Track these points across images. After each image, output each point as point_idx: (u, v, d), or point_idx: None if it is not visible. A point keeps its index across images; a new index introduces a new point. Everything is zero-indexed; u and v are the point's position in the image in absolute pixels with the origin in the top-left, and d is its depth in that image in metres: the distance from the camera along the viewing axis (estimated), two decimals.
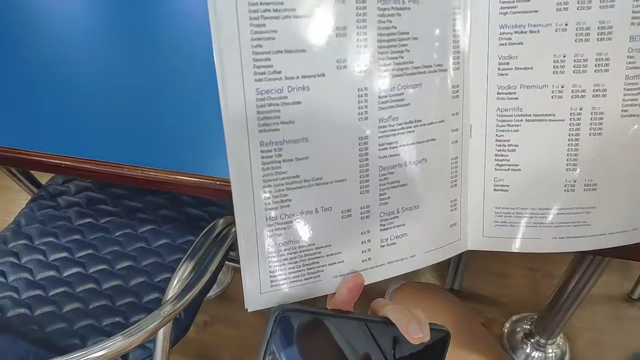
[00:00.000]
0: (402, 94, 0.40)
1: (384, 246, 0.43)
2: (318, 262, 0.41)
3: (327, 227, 0.41)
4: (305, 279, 0.41)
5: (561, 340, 1.21)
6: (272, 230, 0.39)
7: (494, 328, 1.25)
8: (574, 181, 0.44)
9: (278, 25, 0.36)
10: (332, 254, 0.41)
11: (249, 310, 0.41)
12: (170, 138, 0.57)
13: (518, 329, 1.23)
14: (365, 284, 0.41)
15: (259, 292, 0.40)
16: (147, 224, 0.87)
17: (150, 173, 0.53)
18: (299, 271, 0.41)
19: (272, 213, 0.39)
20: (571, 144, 0.43)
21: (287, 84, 0.37)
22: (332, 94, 0.38)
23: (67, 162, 0.56)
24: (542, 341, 1.18)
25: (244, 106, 0.36)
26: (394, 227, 0.43)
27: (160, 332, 0.65)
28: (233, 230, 0.72)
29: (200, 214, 0.88)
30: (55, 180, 0.98)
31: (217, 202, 0.90)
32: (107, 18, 0.75)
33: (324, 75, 0.38)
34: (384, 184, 0.42)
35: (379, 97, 0.40)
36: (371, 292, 0.43)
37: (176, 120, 0.58)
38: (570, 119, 0.43)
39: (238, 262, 0.39)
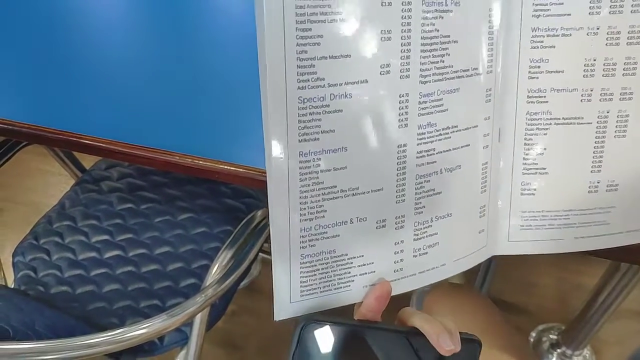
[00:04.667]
0: (441, 99, 0.40)
1: (416, 256, 0.42)
2: (349, 272, 0.41)
3: (361, 237, 0.40)
4: (336, 289, 0.41)
5: (588, 352, 1.20)
6: (306, 241, 0.39)
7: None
8: (598, 182, 0.44)
9: (324, 30, 0.35)
10: (364, 264, 0.41)
11: (276, 319, 0.40)
12: (221, 129, 0.59)
13: (544, 338, 1.23)
14: (394, 294, 0.41)
15: (289, 302, 0.40)
16: (186, 212, 0.90)
17: (200, 162, 0.55)
18: (330, 281, 0.40)
19: (307, 224, 0.38)
20: (597, 146, 0.44)
21: (330, 92, 0.36)
22: (374, 101, 0.37)
23: (119, 148, 0.59)
24: (569, 352, 1.17)
25: (285, 116, 0.36)
26: (427, 236, 0.42)
27: (198, 316, 0.67)
28: None
29: (237, 205, 0.90)
30: (99, 165, 1.01)
31: (254, 194, 0.92)
32: (165, 10, 0.78)
33: (367, 81, 0.37)
34: (420, 193, 0.41)
35: (419, 103, 0.39)
36: (397, 297, 0.43)
37: (227, 112, 0.61)
38: (597, 122, 0.43)
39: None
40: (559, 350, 1.19)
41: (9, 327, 0.56)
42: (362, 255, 0.41)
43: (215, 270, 0.64)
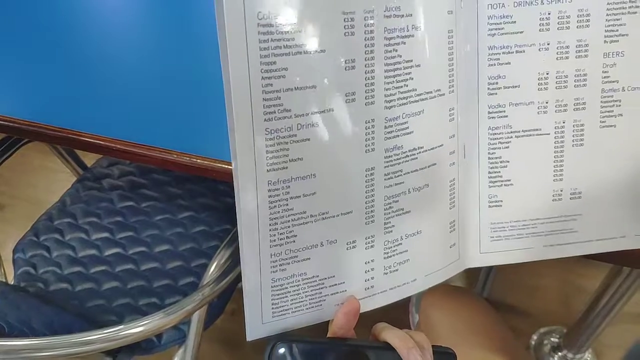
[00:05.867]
0: (407, 122, 0.40)
1: (386, 273, 0.43)
2: (321, 293, 0.41)
3: (332, 259, 0.41)
4: (307, 309, 0.42)
5: (589, 356, 1.19)
6: (277, 265, 0.39)
7: (521, 339, 1.24)
8: (561, 190, 0.46)
9: (289, 62, 0.35)
10: (335, 284, 0.42)
11: (248, 340, 0.41)
12: (219, 127, 0.58)
13: (545, 341, 1.22)
14: (366, 310, 0.41)
15: (261, 323, 0.41)
16: (186, 211, 0.90)
17: (197, 160, 0.55)
18: (301, 301, 0.41)
19: (277, 250, 0.39)
20: (557, 155, 0.46)
21: (297, 122, 0.36)
22: (340, 129, 0.38)
23: (118, 146, 0.59)
24: (570, 355, 1.17)
25: (253, 146, 0.36)
26: (397, 254, 0.43)
27: (196, 315, 0.67)
28: None
29: None
30: (100, 163, 1.01)
31: None
32: (163, 9, 0.78)
33: (332, 110, 0.37)
34: (389, 213, 0.42)
35: (385, 127, 0.40)
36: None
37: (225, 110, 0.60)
38: (554, 132, 0.45)
39: None
40: (560, 354, 1.19)
41: (4, 323, 0.56)
42: (334, 276, 0.41)
43: (213, 269, 0.64)
